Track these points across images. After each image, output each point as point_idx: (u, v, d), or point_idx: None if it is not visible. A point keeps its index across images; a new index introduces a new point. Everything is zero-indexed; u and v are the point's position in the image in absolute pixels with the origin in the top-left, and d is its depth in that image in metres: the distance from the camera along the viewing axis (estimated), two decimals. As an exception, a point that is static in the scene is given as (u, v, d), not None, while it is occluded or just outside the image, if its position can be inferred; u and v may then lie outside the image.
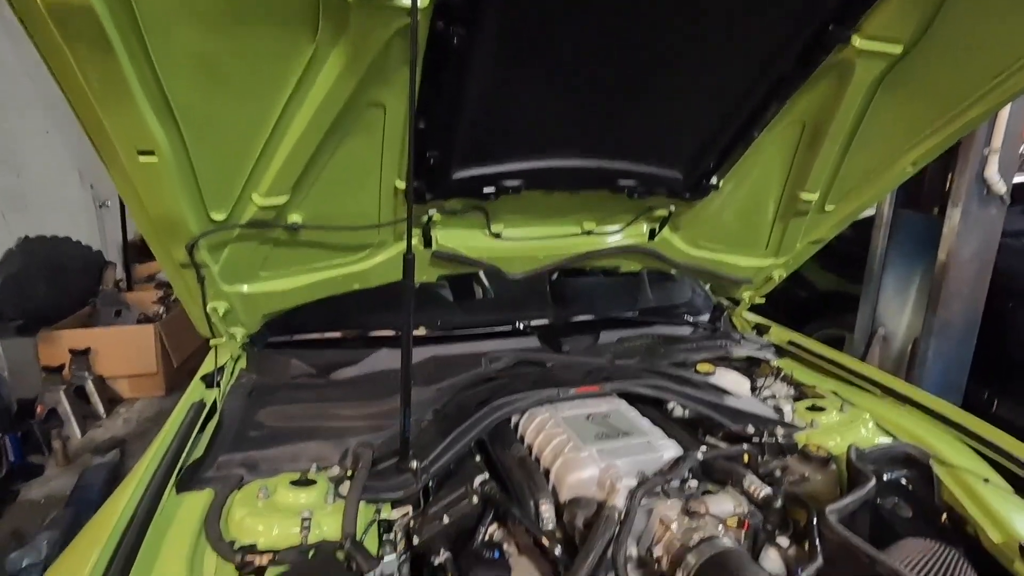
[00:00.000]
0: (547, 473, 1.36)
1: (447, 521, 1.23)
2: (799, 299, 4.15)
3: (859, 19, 1.24)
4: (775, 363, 2.09)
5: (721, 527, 1.17)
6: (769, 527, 1.24)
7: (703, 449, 1.41)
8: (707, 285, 2.64)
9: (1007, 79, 1.36)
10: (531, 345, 2.02)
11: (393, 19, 1.03)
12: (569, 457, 1.33)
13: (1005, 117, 2.52)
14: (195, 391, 1.71)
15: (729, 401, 1.71)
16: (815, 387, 1.93)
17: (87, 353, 4.09)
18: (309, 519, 1.18)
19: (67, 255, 4.59)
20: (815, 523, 1.18)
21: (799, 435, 1.61)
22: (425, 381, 1.70)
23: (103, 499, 1.26)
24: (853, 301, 3.43)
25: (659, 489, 1.25)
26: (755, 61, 1.34)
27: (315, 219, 1.47)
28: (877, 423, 1.68)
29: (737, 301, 2.43)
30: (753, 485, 1.29)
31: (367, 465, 1.35)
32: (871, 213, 3.32)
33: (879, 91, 1.44)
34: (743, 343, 2.19)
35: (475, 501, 1.26)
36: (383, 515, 1.29)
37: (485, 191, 1.53)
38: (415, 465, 1.34)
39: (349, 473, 1.35)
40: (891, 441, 1.60)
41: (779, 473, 1.45)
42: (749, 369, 2.07)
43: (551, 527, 1.20)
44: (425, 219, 1.62)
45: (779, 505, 1.23)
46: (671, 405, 1.76)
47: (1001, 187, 2.53)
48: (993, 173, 2.52)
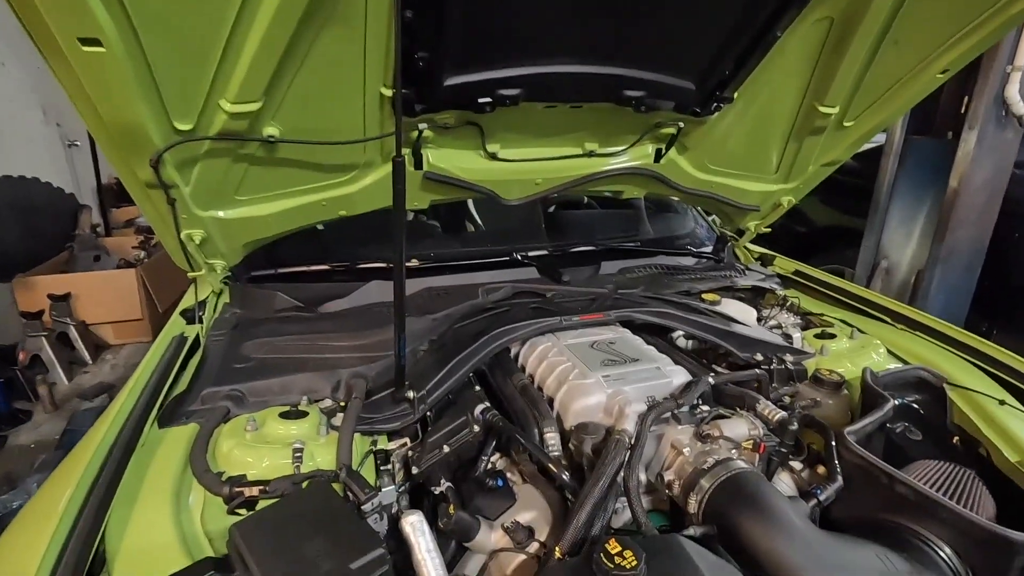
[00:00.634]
0: (551, 402, 1.30)
1: (447, 451, 1.17)
2: (799, 235, 4.09)
3: None
4: (781, 293, 2.02)
5: (735, 451, 1.12)
6: (783, 451, 1.20)
7: (714, 374, 1.35)
8: (711, 216, 2.55)
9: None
10: (529, 276, 1.93)
11: None
12: (575, 384, 1.26)
13: (1031, 33, 2.37)
14: (175, 326, 1.61)
15: (737, 329, 1.65)
16: (822, 315, 1.88)
17: (67, 299, 3.95)
18: (301, 450, 1.11)
19: (36, 196, 4.38)
20: (833, 445, 1.13)
21: (809, 362, 1.57)
22: (419, 312, 1.61)
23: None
24: (855, 236, 3.37)
25: (670, 414, 1.20)
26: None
27: (293, 132, 1.33)
28: (888, 349, 1.63)
29: (742, 232, 2.34)
30: (767, 409, 1.23)
31: (361, 395, 1.28)
32: (880, 142, 3.20)
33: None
34: (747, 273, 2.13)
35: (476, 430, 1.20)
36: (380, 447, 1.23)
37: (480, 101, 1.39)
38: (412, 395, 1.27)
39: (342, 405, 1.28)
40: (903, 366, 1.55)
41: (789, 399, 1.41)
42: (754, 299, 2.01)
43: (557, 454, 1.14)
44: (415, 135, 1.48)
45: (794, 428, 1.18)
46: (676, 335, 1.70)
47: (1021, 107, 2.41)
48: (1014, 93, 2.39)
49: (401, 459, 1.23)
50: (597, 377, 1.26)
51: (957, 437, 1.41)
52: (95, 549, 0.89)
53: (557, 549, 0.93)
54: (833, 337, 1.67)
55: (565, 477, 1.05)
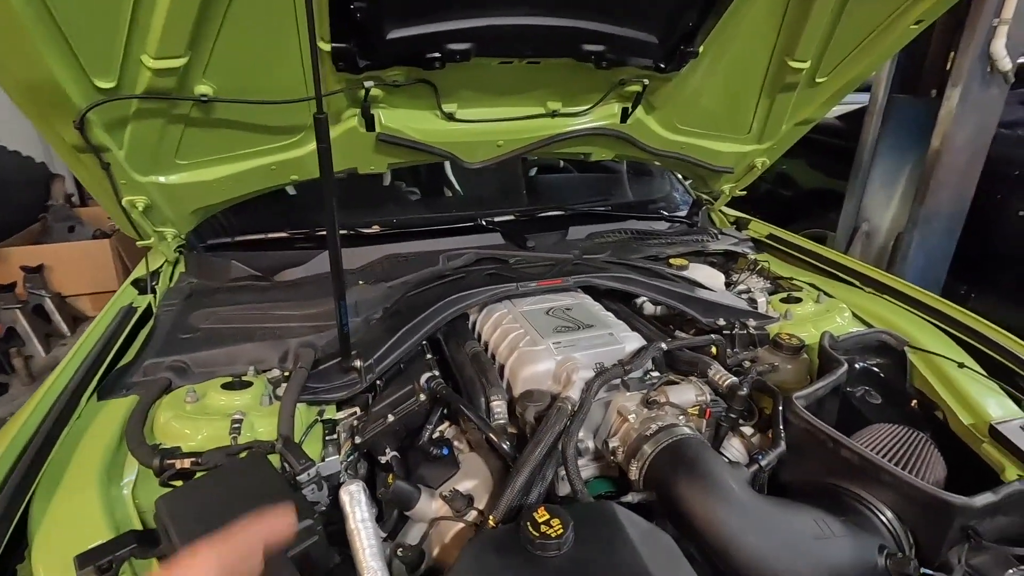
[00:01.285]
0: (502, 370, 1.28)
1: (392, 420, 1.15)
2: (783, 200, 4.03)
3: None
4: (752, 257, 1.99)
5: (682, 417, 1.10)
6: (733, 416, 1.18)
7: (668, 340, 1.32)
8: (687, 181, 2.49)
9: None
10: (494, 242, 1.88)
11: None
12: (524, 351, 1.23)
13: (1018, -16, 2.27)
14: (124, 296, 1.57)
15: (701, 294, 1.61)
16: (792, 279, 1.85)
17: (41, 270, 3.89)
18: (241, 421, 1.09)
19: (5, 167, 4.26)
20: (780, 409, 1.12)
21: (772, 326, 1.54)
22: (376, 280, 1.58)
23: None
24: (836, 199, 3.31)
25: (619, 381, 1.18)
26: None
27: (228, 91, 1.26)
28: (854, 313, 1.61)
29: (716, 196, 2.29)
30: (719, 374, 1.21)
31: (307, 365, 1.25)
32: (864, 103, 3.12)
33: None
34: (720, 237, 2.09)
35: (422, 398, 1.17)
36: (327, 415, 1.21)
37: (428, 56, 1.32)
38: (359, 364, 1.24)
39: (286, 375, 1.25)
40: (865, 329, 1.53)
41: (748, 364, 1.39)
42: (726, 264, 1.98)
43: (502, 423, 1.12)
44: (362, 93, 1.41)
45: (743, 393, 1.16)
46: (640, 301, 1.66)
47: (1007, 63, 2.33)
48: (1000, 48, 2.30)
49: (347, 429, 1.20)
50: (547, 344, 1.23)
51: (915, 400, 1.40)
52: (14, 524, 0.87)
53: (491, 517, 0.92)
54: (799, 302, 1.64)
55: (505, 446, 1.03)
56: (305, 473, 0.99)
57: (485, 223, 1.96)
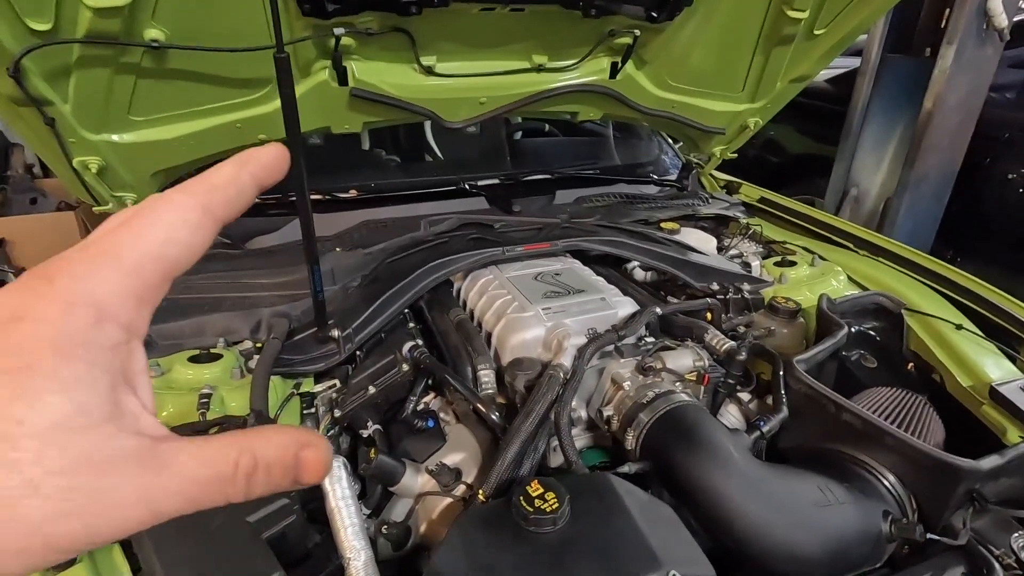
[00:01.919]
0: (489, 338, 1.21)
1: (373, 391, 1.09)
2: (773, 166, 3.98)
3: None
4: (744, 221, 1.93)
5: (679, 383, 1.05)
6: (731, 382, 1.14)
7: (662, 305, 1.26)
8: (679, 144, 2.41)
9: None
10: (478, 207, 1.80)
11: None
12: (512, 317, 1.17)
13: (1018, -64, 2.20)
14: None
15: (693, 258, 1.56)
16: (785, 243, 1.80)
17: (2, 245, 3.70)
18: (210, 396, 1.01)
19: (-43, 134, 4.01)
20: (781, 374, 1.07)
21: (767, 290, 1.50)
22: (354, 246, 1.49)
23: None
24: (825, 164, 3.27)
25: (612, 348, 1.12)
26: None
27: (182, 37, 1.14)
28: (849, 276, 1.57)
29: (708, 158, 2.22)
30: (716, 339, 1.16)
31: (281, 336, 1.17)
32: (854, 66, 3.05)
33: None
34: (712, 201, 2.03)
35: (405, 369, 1.11)
36: (304, 388, 1.14)
37: (403, 0, 1.21)
38: (336, 334, 1.17)
39: (258, 346, 1.17)
40: (862, 292, 1.49)
41: (744, 328, 1.34)
42: (717, 228, 1.93)
43: (490, 392, 1.06)
44: (333, 42, 1.30)
45: (742, 358, 1.12)
46: (631, 266, 1.61)
47: (1003, 20, 2.27)
48: (997, 4, 2.24)
49: (326, 402, 1.14)
50: (536, 310, 1.17)
51: (912, 363, 1.37)
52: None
53: (481, 491, 0.86)
54: (793, 265, 1.60)
55: (494, 417, 0.98)
56: (279, 449, 0.93)
57: (468, 187, 1.87)
